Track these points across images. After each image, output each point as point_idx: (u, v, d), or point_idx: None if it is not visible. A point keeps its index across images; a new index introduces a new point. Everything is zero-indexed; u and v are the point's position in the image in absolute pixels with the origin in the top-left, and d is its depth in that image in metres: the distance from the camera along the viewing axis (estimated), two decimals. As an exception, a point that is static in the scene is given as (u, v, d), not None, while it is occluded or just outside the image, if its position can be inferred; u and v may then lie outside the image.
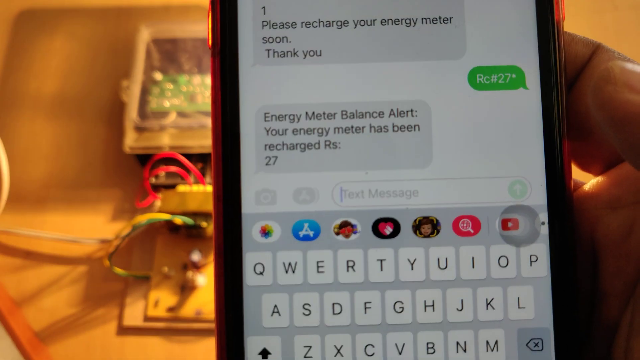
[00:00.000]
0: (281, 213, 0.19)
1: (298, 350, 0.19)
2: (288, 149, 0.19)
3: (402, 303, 0.19)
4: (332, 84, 0.19)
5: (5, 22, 0.59)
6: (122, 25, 0.58)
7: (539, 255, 0.19)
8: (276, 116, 0.19)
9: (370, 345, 0.19)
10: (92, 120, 0.54)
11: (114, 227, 0.49)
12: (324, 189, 0.19)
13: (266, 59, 0.19)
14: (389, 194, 0.19)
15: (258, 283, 0.19)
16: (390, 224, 0.19)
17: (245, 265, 0.19)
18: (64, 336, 0.46)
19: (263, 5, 0.19)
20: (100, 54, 0.57)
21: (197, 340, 0.45)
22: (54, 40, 0.58)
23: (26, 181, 0.51)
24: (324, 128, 0.19)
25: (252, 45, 0.19)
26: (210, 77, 0.19)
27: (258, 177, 0.19)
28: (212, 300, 0.45)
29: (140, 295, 0.46)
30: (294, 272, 0.19)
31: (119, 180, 0.51)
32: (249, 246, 0.19)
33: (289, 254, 0.19)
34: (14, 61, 0.57)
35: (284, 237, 0.19)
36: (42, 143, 0.53)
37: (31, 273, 0.48)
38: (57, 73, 0.56)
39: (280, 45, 0.19)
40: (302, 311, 0.19)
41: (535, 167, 0.19)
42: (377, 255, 0.19)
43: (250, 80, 0.19)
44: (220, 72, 0.19)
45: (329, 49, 0.19)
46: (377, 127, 0.19)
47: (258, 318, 0.19)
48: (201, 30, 0.51)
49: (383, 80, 0.19)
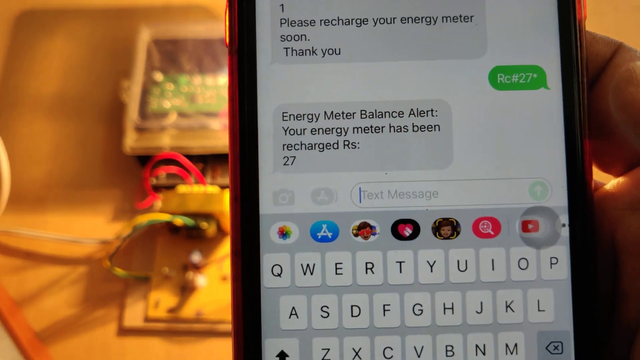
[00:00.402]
0: (299, 214, 0.19)
1: (316, 352, 0.19)
2: (306, 149, 0.19)
3: (421, 305, 0.19)
4: (351, 83, 0.19)
5: (5, 22, 0.59)
6: (122, 26, 0.58)
7: (559, 258, 0.19)
8: (294, 115, 0.19)
9: (389, 347, 0.19)
10: (92, 120, 0.54)
11: (114, 227, 0.49)
12: (343, 189, 0.19)
13: (284, 57, 0.19)
14: (408, 194, 0.19)
15: (276, 285, 0.19)
16: (410, 225, 0.19)
17: (263, 267, 0.19)
18: (64, 337, 0.46)
19: (281, 3, 0.19)
20: (100, 54, 0.57)
21: (197, 342, 0.45)
22: (55, 41, 0.58)
23: (26, 182, 0.51)
24: (343, 128, 0.19)
25: (270, 43, 0.19)
26: (227, 75, 0.19)
27: (276, 177, 0.19)
28: (212, 301, 0.45)
29: (141, 296, 0.46)
30: (312, 274, 0.19)
31: (119, 180, 0.51)
32: (267, 247, 0.19)
33: (307, 255, 0.19)
34: (15, 62, 0.56)
35: (302, 239, 0.19)
36: (42, 143, 0.53)
37: (31, 273, 0.48)
38: (58, 73, 0.56)
39: (298, 44, 0.19)
40: (320, 313, 0.19)
41: (556, 168, 0.19)
42: (396, 257, 0.19)
43: (269, 79, 0.19)
44: (238, 71, 0.19)
45: (348, 48, 0.19)
46: (397, 127, 0.19)
47: (276, 320, 0.19)
48: (202, 31, 0.51)
49: (403, 80, 0.19)
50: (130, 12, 0.59)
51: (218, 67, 0.50)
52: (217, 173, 0.48)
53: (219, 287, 0.46)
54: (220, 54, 0.50)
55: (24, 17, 0.59)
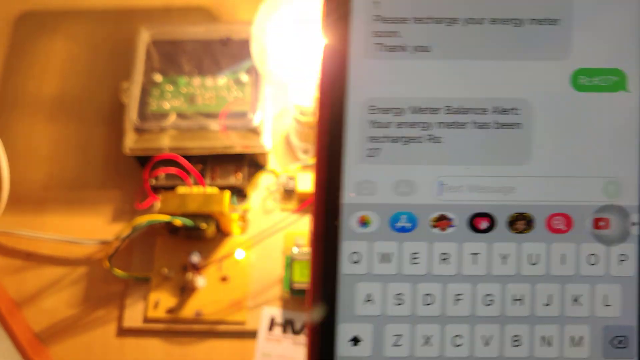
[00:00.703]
0: (380, 204, 0.19)
1: (388, 338, 0.19)
2: (391, 142, 0.20)
3: (492, 296, 0.19)
4: (438, 80, 0.20)
5: (5, 23, 0.59)
6: (122, 27, 0.58)
7: (628, 255, 0.20)
8: (382, 109, 0.20)
9: (459, 336, 0.19)
10: (92, 121, 0.54)
11: (114, 228, 0.49)
12: (424, 182, 0.20)
13: (376, 52, 0.20)
14: (486, 189, 0.20)
15: (353, 272, 0.19)
16: (487, 218, 0.20)
17: (342, 254, 0.19)
18: (63, 337, 0.46)
19: (376, 0, 0.20)
20: (100, 55, 0.57)
21: (197, 342, 0.45)
22: (54, 42, 0.58)
23: (26, 182, 0.51)
24: (428, 122, 0.20)
25: (363, 38, 0.20)
26: (320, 66, 0.19)
27: (360, 168, 0.19)
28: (211, 302, 0.46)
29: (140, 296, 0.46)
30: (389, 262, 0.19)
31: (119, 181, 0.51)
32: (347, 235, 0.19)
33: (385, 244, 0.19)
34: (14, 62, 0.57)
35: (381, 228, 0.19)
36: (42, 144, 0.53)
37: (31, 274, 0.48)
38: (57, 74, 0.56)
39: (390, 40, 0.20)
40: (394, 301, 0.19)
41: (630, 169, 0.20)
42: (471, 249, 0.20)
43: (359, 73, 0.20)
44: (330, 63, 0.19)
45: (438, 45, 0.20)
46: (480, 123, 0.20)
47: (351, 306, 0.19)
48: (201, 32, 0.51)
49: (488, 78, 0.20)
50: (130, 14, 0.59)
51: (217, 69, 0.50)
52: (217, 174, 0.48)
53: (218, 287, 0.46)
54: (219, 55, 0.51)
55: (24, 18, 0.59)
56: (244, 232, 0.49)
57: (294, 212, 0.48)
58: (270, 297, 0.46)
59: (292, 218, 0.47)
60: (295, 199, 0.49)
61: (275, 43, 0.44)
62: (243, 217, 0.49)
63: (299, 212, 0.48)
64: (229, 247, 0.47)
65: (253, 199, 0.50)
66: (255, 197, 0.50)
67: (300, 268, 0.45)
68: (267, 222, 0.48)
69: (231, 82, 0.49)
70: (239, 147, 0.47)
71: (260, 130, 0.47)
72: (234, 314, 0.45)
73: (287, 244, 0.48)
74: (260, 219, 0.49)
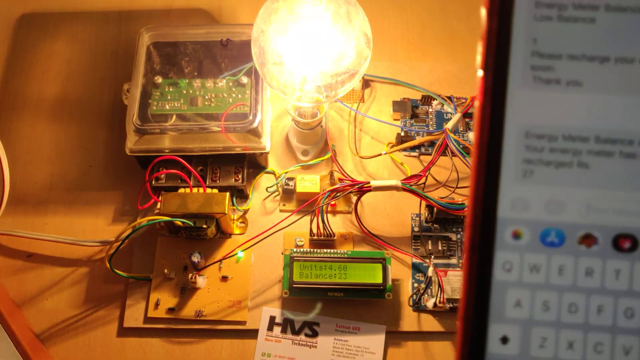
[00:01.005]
0: (532, 220, 0.22)
1: (534, 340, 0.21)
2: (544, 165, 0.22)
3: (633, 310, 0.21)
4: (589, 112, 0.22)
5: (7, 25, 0.59)
6: (123, 29, 0.59)
7: None
8: (536, 135, 0.22)
9: (600, 344, 0.21)
10: (93, 123, 0.54)
11: (115, 229, 0.49)
12: (573, 203, 0.22)
13: (532, 84, 0.22)
14: (630, 213, 0.21)
15: (505, 278, 0.22)
16: (629, 240, 0.21)
17: (496, 262, 0.22)
18: (64, 337, 0.46)
19: (535, 37, 0.22)
20: (101, 57, 0.57)
21: (197, 341, 0.46)
22: (56, 44, 0.58)
23: (27, 183, 0.51)
24: (578, 149, 0.22)
25: (521, 71, 0.22)
26: (478, 97, 0.22)
27: (515, 186, 0.22)
28: (211, 302, 0.46)
29: (141, 296, 0.46)
30: (538, 273, 0.22)
31: (120, 182, 0.51)
32: (501, 246, 0.22)
33: (535, 256, 0.22)
34: (16, 64, 0.57)
35: (532, 242, 0.22)
36: (43, 145, 0.53)
37: (32, 275, 0.48)
38: (59, 76, 0.56)
39: (546, 73, 0.22)
40: (541, 307, 0.21)
41: None
42: (614, 265, 0.21)
43: (516, 101, 0.22)
44: (492, 91, 0.21)
45: (589, 81, 0.21)
46: (626, 153, 0.21)
47: (502, 308, 0.21)
48: (202, 34, 0.52)
49: (635, 112, 0.22)
50: (131, 16, 0.60)
51: (217, 70, 0.50)
52: (217, 175, 0.49)
53: (218, 287, 0.46)
54: (219, 57, 0.51)
55: (26, 20, 0.59)
56: (244, 232, 0.49)
57: (293, 213, 0.48)
58: (270, 297, 0.46)
59: (292, 218, 0.47)
60: (294, 199, 0.50)
61: (275, 44, 0.44)
62: (243, 217, 0.49)
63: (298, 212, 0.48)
64: (229, 247, 0.48)
65: (253, 200, 0.50)
66: (255, 197, 0.50)
67: (299, 268, 0.45)
68: (267, 223, 0.48)
69: (231, 84, 0.50)
70: (239, 148, 0.48)
71: (260, 132, 0.47)
72: (234, 314, 0.46)
73: (287, 244, 0.48)
74: (260, 220, 0.49)
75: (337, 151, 0.52)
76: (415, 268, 0.47)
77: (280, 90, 0.46)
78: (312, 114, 0.48)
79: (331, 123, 0.53)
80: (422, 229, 0.49)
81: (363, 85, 0.55)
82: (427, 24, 0.59)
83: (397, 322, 0.45)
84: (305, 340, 0.45)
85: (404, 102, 0.54)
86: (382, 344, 0.45)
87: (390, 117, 0.53)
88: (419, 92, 0.54)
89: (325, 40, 0.44)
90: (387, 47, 0.58)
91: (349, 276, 0.45)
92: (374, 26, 0.45)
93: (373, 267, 0.45)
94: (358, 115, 0.53)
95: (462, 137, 0.52)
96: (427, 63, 0.56)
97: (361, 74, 0.45)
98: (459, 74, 0.55)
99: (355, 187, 0.46)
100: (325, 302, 0.46)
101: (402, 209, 0.49)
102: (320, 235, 0.47)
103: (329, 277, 0.45)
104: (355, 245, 0.48)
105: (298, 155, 0.52)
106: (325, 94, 0.46)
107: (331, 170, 0.50)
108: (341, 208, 0.49)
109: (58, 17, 0.59)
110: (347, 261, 0.45)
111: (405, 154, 0.52)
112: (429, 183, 0.49)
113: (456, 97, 0.53)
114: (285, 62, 0.44)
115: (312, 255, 0.45)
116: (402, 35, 0.58)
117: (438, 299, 0.44)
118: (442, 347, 0.45)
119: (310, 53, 0.44)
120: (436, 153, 0.49)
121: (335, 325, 0.45)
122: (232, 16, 0.59)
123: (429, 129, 0.53)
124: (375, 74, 0.55)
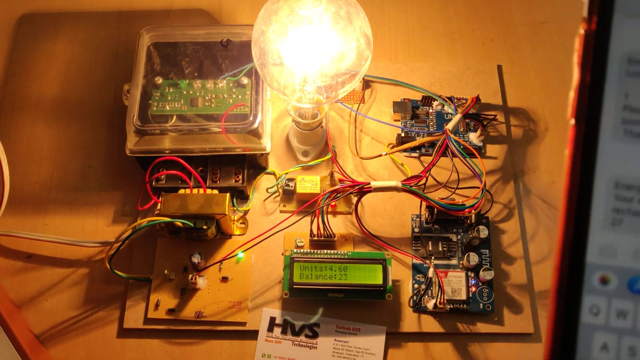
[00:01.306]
0: (620, 267, 0.22)
1: None
2: (633, 215, 0.22)
3: None
4: None
5: (7, 25, 0.59)
6: (123, 29, 0.59)
7: None
8: (626, 185, 0.22)
9: None
10: (93, 123, 0.54)
11: (115, 229, 0.49)
12: None
13: (622, 136, 0.22)
14: None
15: (592, 322, 0.22)
16: None
17: (583, 306, 0.22)
18: (64, 338, 0.46)
19: (627, 92, 0.22)
20: (101, 57, 0.57)
21: (197, 342, 0.45)
22: (56, 44, 0.58)
23: (27, 184, 0.51)
24: None
25: (612, 123, 0.22)
26: (569, 145, 0.23)
27: (604, 234, 0.22)
28: (212, 303, 0.46)
29: (141, 297, 0.46)
30: (625, 318, 0.22)
31: (120, 183, 0.51)
32: (588, 290, 0.22)
33: (622, 302, 0.22)
34: (16, 64, 0.57)
35: (619, 288, 0.22)
36: (43, 146, 0.53)
37: (32, 276, 0.48)
38: (59, 76, 0.56)
39: (637, 127, 0.22)
40: (627, 352, 0.22)
41: None
42: None
43: (607, 152, 0.22)
44: (583, 142, 0.22)
45: None
46: None
47: (588, 351, 0.22)
48: (202, 35, 0.52)
49: None
50: (131, 16, 0.60)
51: (218, 71, 0.50)
52: (217, 175, 0.49)
53: (218, 288, 0.46)
54: (219, 58, 0.51)
55: (26, 20, 0.59)
56: (245, 233, 0.49)
57: (293, 213, 0.48)
58: (270, 297, 0.46)
59: (292, 219, 0.47)
60: (295, 200, 0.50)
61: (276, 45, 0.44)
62: (243, 218, 0.49)
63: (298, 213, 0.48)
64: (229, 248, 0.48)
65: (253, 200, 0.50)
66: (256, 198, 0.50)
67: (300, 269, 0.45)
68: (268, 223, 0.48)
69: (231, 85, 0.50)
70: (239, 149, 0.48)
71: (260, 132, 0.47)
72: (234, 315, 0.46)
73: (287, 245, 0.48)
74: (260, 220, 0.49)
75: (338, 152, 0.52)
76: (415, 269, 0.47)
77: (281, 91, 0.46)
78: (312, 114, 0.48)
79: (331, 124, 0.53)
80: (423, 230, 0.48)
81: (363, 86, 0.55)
82: (427, 24, 0.59)
83: (397, 323, 0.45)
84: (305, 341, 0.45)
85: (404, 103, 0.54)
86: (382, 345, 0.45)
87: (391, 118, 0.53)
88: (419, 93, 0.54)
89: (326, 41, 0.44)
90: (387, 48, 0.58)
91: (349, 277, 0.45)
92: (374, 27, 0.45)
93: (373, 268, 0.45)
94: (358, 116, 0.53)
95: (462, 137, 0.52)
96: (427, 64, 0.56)
97: (361, 75, 0.45)
98: (459, 75, 0.56)
99: (355, 188, 0.46)
100: (325, 303, 0.46)
101: (403, 209, 0.49)
102: (320, 236, 0.47)
103: (329, 278, 0.45)
104: (355, 246, 0.48)
105: (298, 156, 0.52)
106: (326, 94, 0.46)
107: (331, 171, 0.50)
108: (341, 209, 0.49)
109: (58, 17, 0.59)
110: (347, 262, 0.45)
111: (405, 154, 0.52)
112: (429, 184, 0.49)
113: (456, 97, 0.53)
114: (285, 63, 0.44)
115: (312, 256, 0.45)
116: (403, 36, 0.58)
117: (438, 300, 0.44)
118: (442, 348, 0.45)
119: (311, 54, 0.44)
120: (436, 154, 0.49)
121: (335, 326, 0.45)
122: (232, 17, 0.59)
123: (429, 130, 0.53)
124: (376, 75, 0.55)
